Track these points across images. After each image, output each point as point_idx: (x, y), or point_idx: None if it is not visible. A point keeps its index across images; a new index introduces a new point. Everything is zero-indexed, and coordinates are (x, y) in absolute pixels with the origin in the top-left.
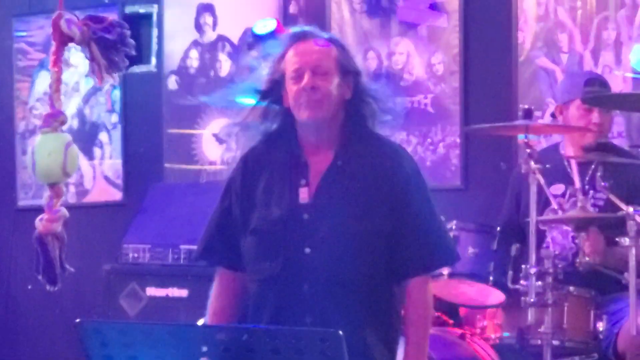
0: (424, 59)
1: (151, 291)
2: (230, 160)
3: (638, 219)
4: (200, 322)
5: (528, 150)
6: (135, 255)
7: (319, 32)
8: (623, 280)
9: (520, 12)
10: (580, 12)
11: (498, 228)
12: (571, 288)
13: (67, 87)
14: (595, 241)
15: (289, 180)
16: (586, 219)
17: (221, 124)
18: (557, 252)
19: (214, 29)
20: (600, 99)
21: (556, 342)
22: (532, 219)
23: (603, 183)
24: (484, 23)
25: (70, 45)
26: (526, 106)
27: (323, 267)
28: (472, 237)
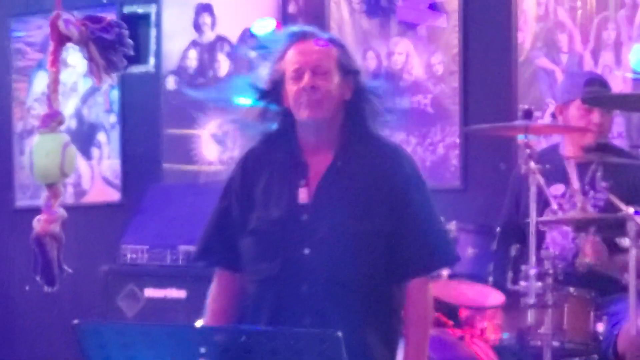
0: (423, 59)
1: (149, 292)
2: (228, 161)
3: (638, 219)
4: (198, 323)
5: (528, 151)
6: (134, 256)
7: (319, 32)
8: (623, 281)
9: (520, 12)
10: (580, 12)
11: (498, 229)
12: (571, 289)
13: (65, 87)
14: (597, 249)
15: (288, 181)
16: (586, 219)
17: (220, 124)
18: (556, 252)
19: (212, 29)
20: (600, 99)
21: (556, 343)
22: (532, 220)
23: (603, 183)
24: (484, 23)
25: (68, 45)
26: (526, 106)
27: (322, 268)
28: (472, 237)
